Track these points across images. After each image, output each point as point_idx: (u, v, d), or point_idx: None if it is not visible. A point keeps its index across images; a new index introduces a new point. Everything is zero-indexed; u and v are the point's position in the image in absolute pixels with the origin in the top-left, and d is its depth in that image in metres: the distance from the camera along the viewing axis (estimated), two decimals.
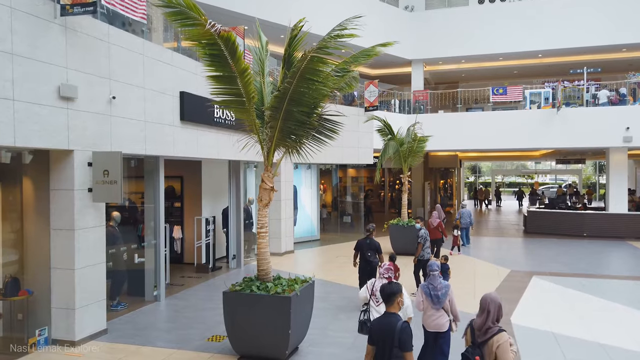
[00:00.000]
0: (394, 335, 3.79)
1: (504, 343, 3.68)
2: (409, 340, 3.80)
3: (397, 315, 3.97)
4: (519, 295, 9.88)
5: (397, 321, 3.86)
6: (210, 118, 10.13)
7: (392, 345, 3.78)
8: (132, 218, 10.35)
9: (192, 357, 6.50)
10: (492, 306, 3.82)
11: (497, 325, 3.80)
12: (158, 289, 9.26)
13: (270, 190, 6.43)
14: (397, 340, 3.77)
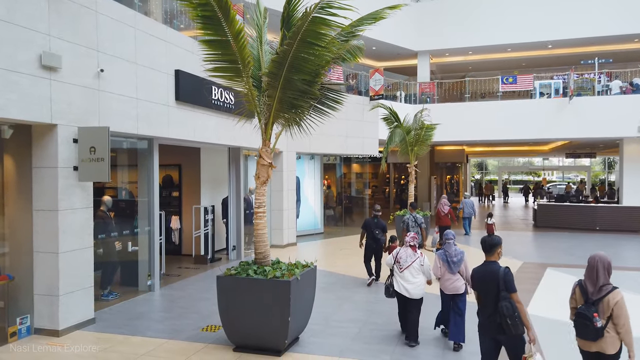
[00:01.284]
0: (498, 279, 4.30)
1: (621, 300, 3.88)
2: (513, 282, 4.36)
3: (497, 262, 4.47)
4: (534, 286, 9.34)
5: (499, 268, 4.39)
6: (208, 100, 9.63)
7: (498, 288, 4.28)
8: (127, 207, 9.87)
9: (184, 347, 6.00)
10: (600, 264, 4.02)
11: (610, 283, 3.99)
12: (152, 279, 8.77)
13: (269, 167, 5.93)
14: (502, 283, 4.29)
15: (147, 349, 5.90)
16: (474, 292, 4.68)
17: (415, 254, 6.20)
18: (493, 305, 4.31)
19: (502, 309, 4.22)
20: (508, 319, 4.19)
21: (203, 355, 5.71)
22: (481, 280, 4.45)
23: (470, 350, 5.89)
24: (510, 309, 4.21)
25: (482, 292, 4.46)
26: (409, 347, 6.03)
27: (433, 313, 6.74)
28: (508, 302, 4.25)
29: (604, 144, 21.87)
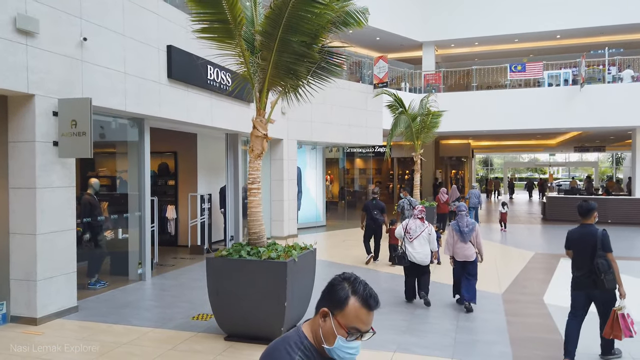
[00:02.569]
0: (596, 240, 4.67)
1: None
2: (609, 243, 4.69)
3: (594, 225, 4.84)
4: (548, 276, 8.80)
5: (597, 230, 4.75)
6: (202, 79, 9.12)
7: (595, 247, 4.65)
8: (116, 191, 9.39)
9: (171, 335, 5.49)
10: None
11: None
12: (143, 267, 8.26)
13: (263, 138, 5.41)
14: (600, 243, 4.64)
15: (130, 338, 5.39)
16: (567, 252, 5.05)
17: (424, 224, 6.93)
18: (589, 263, 4.67)
19: (598, 266, 4.57)
20: (603, 274, 4.54)
21: (191, 344, 5.21)
22: (579, 240, 4.85)
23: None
24: (606, 265, 4.57)
25: (578, 251, 4.85)
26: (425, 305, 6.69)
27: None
28: (604, 259, 4.60)
29: (614, 135, 21.24)
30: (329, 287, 1.61)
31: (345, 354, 1.54)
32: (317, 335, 1.58)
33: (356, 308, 1.53)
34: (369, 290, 1.57)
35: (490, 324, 6.03)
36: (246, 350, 5.04)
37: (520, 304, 6.94)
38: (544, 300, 7.08)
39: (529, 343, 5.34)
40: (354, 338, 1.54)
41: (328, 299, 1.58)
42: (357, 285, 1.57)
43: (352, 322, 1.53)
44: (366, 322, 1.54)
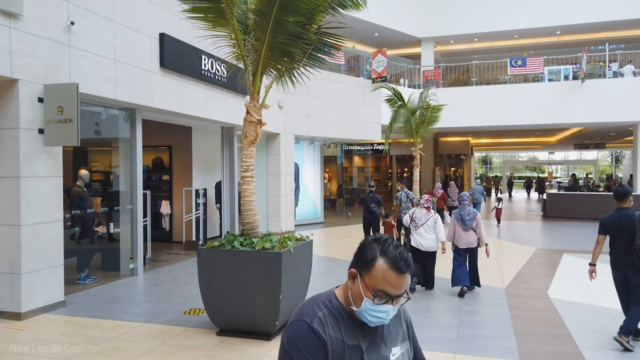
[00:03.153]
0: (634, 222, 4.83)
1: None
2: None
3: (630, 208, 4.99)
4: (552, 270, 8.57)
5: (634, 213, 4.91)
6: (197, 70, 8.89)
7: (634, 229, 4.82)
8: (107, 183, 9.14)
9: (161, 330, 5.25)
10: None
11: None
12: (135, 262, 8.01)
13: (257, 124, 5.17)
14: (638, 225, 4.81)
15: (118, 333, 5.15)
16: (600, 237, 5.14)
17: (429, 213, 7.12)
18: (627, 244, 4.86)
19: (638, 247, 4.75)
20: None
21: (181, 339, 4.96)
22: (617, 224, 4.99)
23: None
24: None
25: (617, 234, 5.00)
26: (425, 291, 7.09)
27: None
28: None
29: (615, 131, 21.04)
30: (359, 248, 1.54)
31: (374, 317, 1.47)
32: (347, 297, 1.52)
33: (384, 270, 1.44)
34: (400, 252, 1.47)
35: (494, 318, 5.80)
36: (239, 345, 4.80)
37: (524, 298, 6.71)
38: (548, 295, 6.86)
39: (534, 337, 5.11)
40: (383, 302, 1.45)
41: (357, 260, 1.52)
42: (387, 246, 1.48)
43: (379, 284, 1.44)
44: (395, 285, 1.45)
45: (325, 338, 1.46)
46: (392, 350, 1.56)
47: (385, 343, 1.56)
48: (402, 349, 1.60)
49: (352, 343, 1.49)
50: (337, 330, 1.49)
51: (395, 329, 1.61)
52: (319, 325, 1.47)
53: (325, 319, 1.49)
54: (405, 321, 1.67)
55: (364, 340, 1.51)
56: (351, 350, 1.48)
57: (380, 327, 1.55)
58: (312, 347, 1.44)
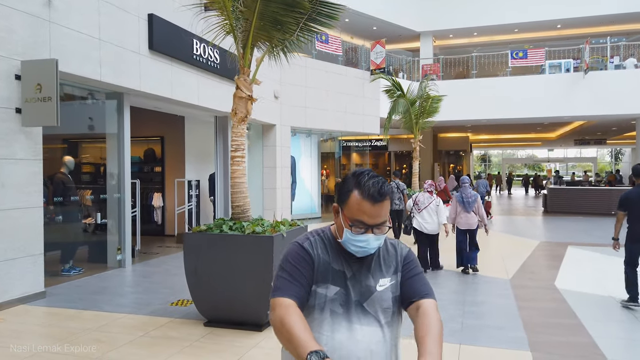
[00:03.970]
0: None
1: None
2: None
3: None
4: (557, 262, 8.25)
5: None
6: (188, 54, 8.53)
7: None
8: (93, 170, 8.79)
9: (145, 321, 4.90)
10: None
11: None
12: (122, 253, 7.66)
13: (247, 100, 4.83)
14: None
15: (98, 324, 4.80)
16: (619, 213, 5.51)
17: (432, 197, 7.45)
18: None
19: None
20: None
21: (166, 331, 4.62)
22: (635, 201, 5.33)
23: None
24: None
25: (637, 209, 5.31)
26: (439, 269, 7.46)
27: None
28: None
29: (617, 126, 20.72)
30: (340, 182, 1.58)
31: (355, 246, 1.51)
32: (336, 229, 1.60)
33: (358, 200, 1.47)
34: (374, 182, 1.48)
35: (500, 309, 5.47)
36: (227, 336, 4.46)
37: (531, 290, 6.38)
38: (555, 286, 6.53)
39: (544, 328, 4.78)
40: (362, 231, 1.49)
41: (337, 194, 1.56)
42: (361, 178, 1.50)
43: (355, 214, 1.48)
44: (370, 214, 1.47)
45: (314, 255, 1.54)
46: (379, 282, 1.56)
47: (373, 274, 1.56)
48: (392, 281, 1.58)
49: (337, 268, 1.54)
50: (326, 254, 1.55)
51: (386, 261, 1.60)
52: (309, 245, 1.56)
53: (316, 243, 1.57)
54: (400, 256, 1.63)
55: (349, 268, 1.55)
56: (336, 274, 1.54)
57: (369, 258, 1.57)
58: (300, 259, 1.52)
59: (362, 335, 1.50)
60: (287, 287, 1.49)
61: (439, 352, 1.39)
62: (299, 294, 1.48)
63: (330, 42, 14.34)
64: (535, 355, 4.02)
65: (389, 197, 1.49)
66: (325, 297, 1.51)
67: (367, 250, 1.51)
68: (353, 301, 1.52)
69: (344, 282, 1.53)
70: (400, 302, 1.59)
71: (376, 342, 1.51)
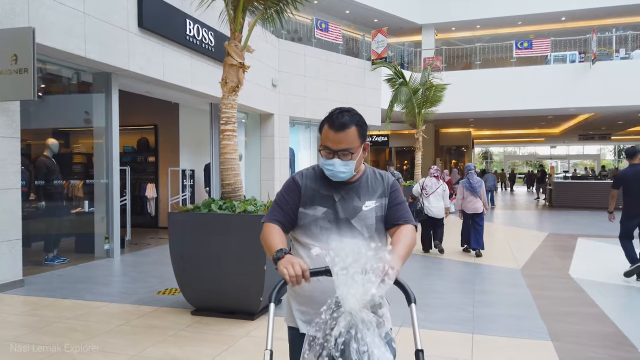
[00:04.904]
0: None
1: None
2: None
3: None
4: (569, 252, 7.85)
5: None
6: (181, 35, 8.13)
7: None
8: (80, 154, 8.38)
9: (128, 310, 4.50)
10: None
11: None
12: (110, 242, 7.25)
13: (239, 68, 4.42)
14: None
15: (76, 313, 4.40)
16: (613, 191, 6.07)
17: (438, 182, 7.71)
18: None
19: None
20: None
21: (149, 320, 4.21)
22: (635, 177, 5.70)
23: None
24: None
25: (632, 185, 5.70)
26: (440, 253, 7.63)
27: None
28: None
29: (624, 118, 20.26)
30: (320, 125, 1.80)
31: (328, 170, 1.76)
32: None
33: (326, 130, 1.74)
34: (337, 114, 1.73)
35: (513, 297, 5.06)
36: (216, 325, 4.05)
37: (545, 279, 5.98)
38: (570, 275, 6.12)
39: (563, 317, 4.37)
40: (331, 157, 1.73)
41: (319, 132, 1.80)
42: (332, 113, 1.75)
43: (324, 142, 1.75)
44: (333, 140, 1.71)
45: (301, 184, 1.81)
46: (365, 203, 1.79)
47: (360, 197, 1.80)
48: (377, 203, 1.81)
49: (326, 193, 1.79)
50: (315, 183, 1.81)
51: (373, 187, 1.83)
52: (299, 176, 1.85)
53: (308, 174, 1.84)
54: (386, 183, 1.86)
55: (338, 193, 1.79)
56: (324, 198, 1.78)
57: (356, 184, 1.81)
58: (289, 189, 1.83)
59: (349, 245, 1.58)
60: (274, 213, 1.82)
61: (405, 255, 1.70)
62: (282, 218, 1.80)
63: (330, 31, 13.92)
64: (557, 345, 3.61)
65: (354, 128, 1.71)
66: (314, 216, 1.77)
67: (336, 174, 1.74)
68: (342, 219, 1.76)
69: (333, 204, 1.78)
70: (385, 224, 1.83)
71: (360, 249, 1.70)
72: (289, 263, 1.55)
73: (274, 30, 13.04)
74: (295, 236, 1.82)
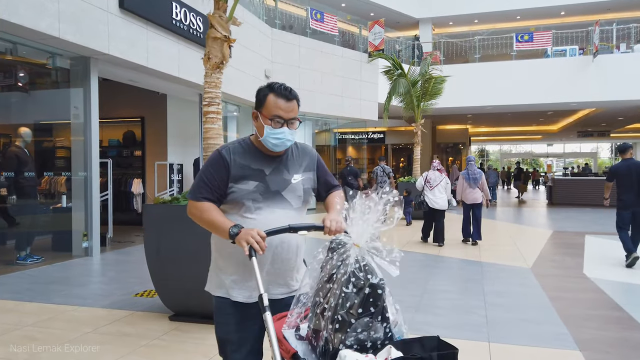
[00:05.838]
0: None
1: None
2: None
3: (632, 158, 6.35)
4: (579, 250, 7.40)
5: (638, 161, 6.22)
6: (167, 19, 7.62)
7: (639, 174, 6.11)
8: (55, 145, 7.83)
9: (97, 315, 3.99)
10: None
11: None
12: (89, 240, 6.73)
13: (224, 42, 3.92)
14: None
15: (39, 318, 3.89)
16: (607, 184, 6.53)
17: (442, 175, 7.87)
18: (637, 186, 5.96)
19: None
20: None
21: (121, 326, 3.71)
22: (627, 171, 6.13)
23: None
24: None
25: (625, 179, 6.12)
26: (438, 246, 7.68)
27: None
28: None
29: (624, 114, 19.86)
30: (256, 94, 1.84)
31: (276, 139, 1.77)
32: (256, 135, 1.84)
33: (274, 100, 1.76)
34: (284, 85, 1.78)
35: (527, 299, 4.60)
36: (196, 332, 3.56)
37: (558, 278, 5.53)
38: (585, 274, 5.67)
39: (587, 322, 3.91)
40: (280, 126, 1.76)
41: (256, 103, 1.84)
42: (274, 84, 1.79)
43: (273, 111, 1.76)
44: (285, 109, 1.77)
45: (229, 160, 1.81)
46: (293, 176, 1.86)
47: (288, 170, 1.86)
48: (304, 176, 1.89)
49: (256, 167, 1.82)
50: (243, 158, 1.82)
51: (298, 160, 1.91)
52: (226, 151, 1.83)
53: (235, 149, 1.84)
54: (311, 157, 1.96)
55: (268, 166, 1.84)
56: (254, 172, 1.81)
57: (284, 157, 1.87)
58: (215, 164, 1.81)
59: (280, 215, 1.80)
60: (201, 190, 1.80)
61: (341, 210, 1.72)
62: (211, 195, 1.79)
63: (325, 21, 13.43)
64: (588, 356, 3.15)
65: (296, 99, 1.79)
66: (246, 190, 1.78)
67: (285, 142, 1.79)
68: (272, 191, 1.81)
69: (263, 178, 1.81)
70: (318, 194, 1.97)
71: (292, 218, 1.81)
72: (247, 234, 1.61)
73: (268, 20, 12.54)
74: (225, 210, 1.81)
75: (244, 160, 1.80)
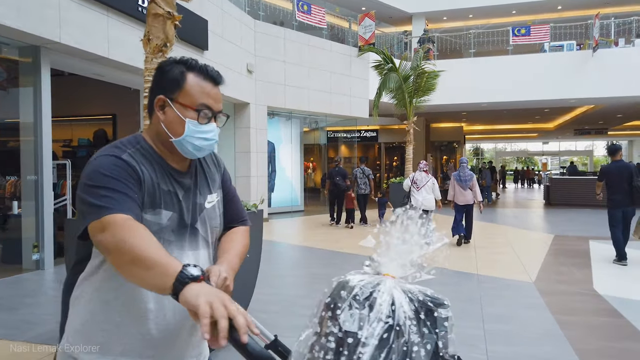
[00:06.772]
0: (631, 169, 6.42)
1: None
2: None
3: (622, 160, 6.67)
4: (584, 259, 6.75)
5: (628, 163, 6.68)
6: (131, 3, 6.89)
7: (631, 175, 6.32)
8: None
9: (12, 354, 3.27)
10: None
11: None
12: (40, 252, 6.01)
13: (167, 19, 3.20)
14: (635, 171, 6.37)
15: None
16: (598, 183, 6.84)
17: (428, 176, 7.99)
18: (626, 187, 6.35)
19: (637, 187, 6.23)
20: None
21: None
22: (617, 171, 6.45)
23: None
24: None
25: (615, 180, 6.42)
26: None
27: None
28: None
29: (624, 112, 19.31)
30: (157, 73, 1.25)
31: (202, 140, 1.20)
32: (160, 132, 1.22)
33: (199, 82, 1.20)
34: (208, 66, 1.24)
35: (533, 325, 3.92)
36: None
37: (567, 297, 4.85)
38: (596, 290, 5.01)
39: (608, 359, 3.24)
40: (208, 119, 1.21)
41: (160, 85, 1.22)
42: (190, 61, 1.23)
43: (199, 98, 1.20)
44: (215, 97, 1.23)
45: (139, 171, 1.16)
46: (207, 198, 1.31)
47: (200, 190, 1.30)
48: (218, 197, 1.36)
49: (167, 188, 1.22)
50: (152, 172, 1.19)
51: (211, 175, 1.35)
52: (129, 157, 1.16)
53: (136, 155, 1.18)
54: (220, 169, 1.40)
55: (180, 187, 1.25)
56: (166, 196, 1.21)
57: (192, 170, 1.29)
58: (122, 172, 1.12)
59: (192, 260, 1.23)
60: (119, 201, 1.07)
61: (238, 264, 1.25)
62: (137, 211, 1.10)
63: (312, 13, 12.72)
64: None
65: None
66: (158, 225, 1.18)
67: (212, 145, 1.25)
68: (187, 225, 1.24)
69: (178, 205, 1.23)
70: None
71: (203, 263, 1.26)
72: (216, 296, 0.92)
73: (251, 11, 11.83)
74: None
75: (153, 175, 1.19)
